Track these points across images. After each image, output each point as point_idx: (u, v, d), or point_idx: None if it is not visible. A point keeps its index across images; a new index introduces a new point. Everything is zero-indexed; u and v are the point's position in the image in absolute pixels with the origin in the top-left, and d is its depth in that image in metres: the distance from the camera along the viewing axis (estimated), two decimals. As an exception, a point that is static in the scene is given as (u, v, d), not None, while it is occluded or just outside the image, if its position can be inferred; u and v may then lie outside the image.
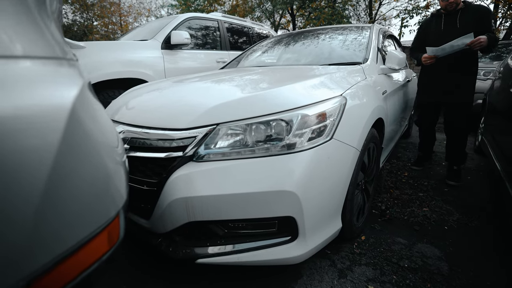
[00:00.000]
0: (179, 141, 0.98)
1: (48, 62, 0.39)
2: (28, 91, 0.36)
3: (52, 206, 0.36)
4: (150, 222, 1.03)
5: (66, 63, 0.44)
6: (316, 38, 2.24)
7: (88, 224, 0.42)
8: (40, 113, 0.36)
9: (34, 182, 0.34)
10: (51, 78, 0.38)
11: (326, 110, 1.03)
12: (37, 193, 0.34)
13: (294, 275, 1.17)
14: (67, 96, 0.39)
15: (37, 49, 0.39)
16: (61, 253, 0.38)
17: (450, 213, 1.74)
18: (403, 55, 1.85)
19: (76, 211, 0.40)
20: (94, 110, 0.46)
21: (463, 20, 1.99)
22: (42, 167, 0.35)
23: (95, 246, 0.43)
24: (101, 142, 0.46)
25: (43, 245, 0.35)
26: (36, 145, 0.34)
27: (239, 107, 1.00)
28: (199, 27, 3.46)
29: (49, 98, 0.37)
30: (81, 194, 0.41)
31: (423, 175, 2.36)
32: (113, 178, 0.49)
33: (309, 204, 0.94)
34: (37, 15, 0.40)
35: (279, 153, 0.93)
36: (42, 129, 0.35)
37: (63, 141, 0.37)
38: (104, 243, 0.45)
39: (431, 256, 1.32)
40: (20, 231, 0.33)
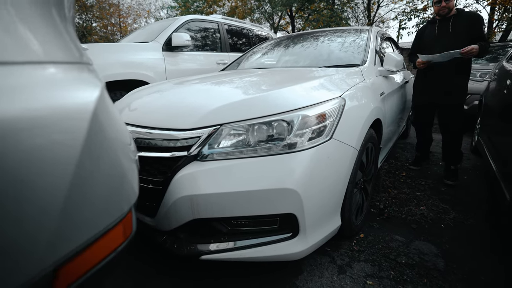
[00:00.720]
0: (183, 141, 1.01)
1: (71, 67, 0.43)
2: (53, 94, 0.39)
3: (74, 200, 0.39)
4: (155, 220, 1.06)
5: (85, 67, 0.47)
6: (315, 40, 2.29)
7: (106, 218, 0.45)
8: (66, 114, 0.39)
9: (59, 178, 0.37)
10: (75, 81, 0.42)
11: (325, 111, 1.07)
12: (62, 189, 0.37)
13: (295, 271, 1.20)
14: (90, 98, 0.42)
15: (60, 55, 0.42)
16: (81, 244, 0.41)
17: (447, 211, 1.78)
18: (401, 57, 1.90)
19: (95, 206, 0.43)
20: (111, 111, 0.50)
21: (455, 26, 2.08)
22: (68, 163, 0.38)
23: (112, 237, 0.46)
24: (117, 141, 0.49)
25: (66, 235, 0.39)
26: (63, 143, 0.38)
27: (242, 108, 1.04)
28: (199, 29, 3.50)
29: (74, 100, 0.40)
30: (100, 190, 0.44)
31: (421, 175, 2.40)
32: (127, 175, 0.52)
33: (309, 201, 0.97)
34: (60, 26, 0.44)
35: (281, 152, 0.97)
36: (68, 128, 0.38)
37: (87, 139, 0.40)
38: (120, 235, 0.48)
39: (427, 252, 1.35)
40: (45, 224, 0.36)
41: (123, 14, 17.72)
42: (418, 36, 2.36)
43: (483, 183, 2.23)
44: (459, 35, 2.07)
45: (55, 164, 0.36)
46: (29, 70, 0.36)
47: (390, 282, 1.14)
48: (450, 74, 2.10)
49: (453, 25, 2.09)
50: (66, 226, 0.38)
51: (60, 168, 0.37)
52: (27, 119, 0.33)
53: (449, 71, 2.09)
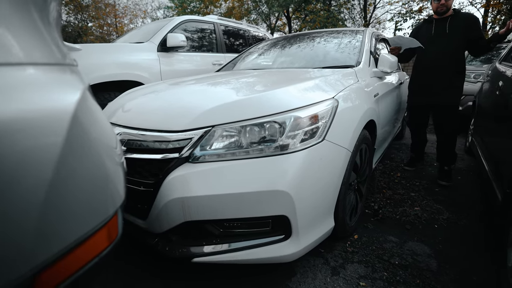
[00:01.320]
0: (175, 143, 1.01)
1: (51, 68, 0.42)
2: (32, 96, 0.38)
3: (54, 203, 0.38)
4: (147, 222, 1.05)
5: (68, 68, 0.47)
6: (311, 41, 2.29)
7: (89, 221, 0.45)
8: (44, 116, 0.38)
9: (38, 181, 0.36)
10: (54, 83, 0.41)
11: (318, 112, 1.06)
12: (41, 191, 0.37)
13: (288, 273, 1.20)
14: (70, 100, 0.41)
15: (41, 56, 0.42)
16: (63, 248, 0.40)
17: (440, 212, 1.79)
18: (395, 58, 1.90)
19: (77, 208, 0.42)
20: (94, 113, 0.49)
21: (452, 27, 2.09)
22: (46, 166, 0.37)
23: (95, 242, 0.45)
24: (101, 143, 0.48)
25: (46, 240, 0.38)
26: (41, 145, 0.37)
27: (234, 110, 1.03)
28: (195, 29, 3.49)
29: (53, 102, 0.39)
30: (82, 193, 0.43)
31: (415, 176, 2.41)
32: (112, 178, 0.51)
33: (302, 203, 0.97)
34: (41, 26, 0.43)
35: (273, 154, 0.96)
36: (46, 131, 0.38)
37: (66, 142, 0.39)
38: (104, 240, 0.47)
39: (421, 253, 1.36)
40: (25, 227, 0.35)
41: (119, 14, 17.64)
42: (413, 34, 2.37)
43: (476, 184, 2.25)
44: (455, 37, 2.08)
45: (31, 169, 0.35)
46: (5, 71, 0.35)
47: (383, 283, 1.14)
48: (446, 75, 2.11)
49: (449, 26, 2.10)
50: (45, 230, 0.37)
51: (37, 172, 0.36)
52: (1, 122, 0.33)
53: (446, 72, 2.11)
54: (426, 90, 2.22)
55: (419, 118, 2.40)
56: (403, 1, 9.22)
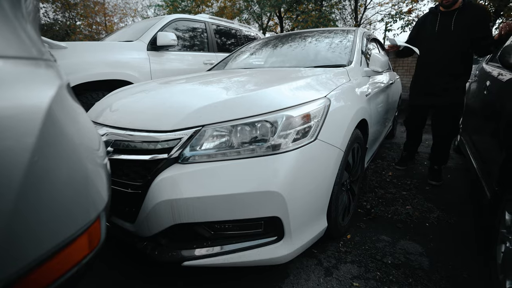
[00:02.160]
0: (164, 143, 0.97)
1: (23, 62, 0.39)
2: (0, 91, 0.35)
3: (27, 209, 0.35)
4: (135, 225, 1.02)
5: (43, 63, 0.43)
6: (302, 40, 2.28)
7: (67, 227, 0.41)
8: (13, 114, 0.35)
9: (7, 185, 0.33)
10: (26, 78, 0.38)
11: (310, 111, 1.05)
12: (10, 196, 0.33)
13: (281, 274, 1.18)
14: (43, 97, 0.38)
15: (10, 49, 0.38)
16: (38, 257, 0.37)
17: (431, 210, 1.80)
18: (386, 57, 1.91)
19: (54, 213, 0.39)
20: (73, 112, 0.46)
21: (458, 23, 1.91)
22: (16, 169, 0.34)
23: (75, 250, 0.42)
24: (80, 144, 0.45)
25: (17, 249, 0.35)
26: (10, 146, 0.34)
27: (225, 109, 1.01)
28: (186, 28, 3.44)
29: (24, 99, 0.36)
30: (58, 197, 0.40)
31: (407, 175, 2.43)
32: (92, 180, 0.48)
33: (294, 204, 0.95)
34: (11, 15, 0.39)
35: (264, 154, 0.94)
36: (15, 130, 0.34)
37: (39, 142, 0.36)
38: (84, 247, 0.44)
39: (413, 252, 1.36)
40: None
41: (108, 13, 17.31)
42: (417, 27, 2.23)
43: (465, 182, 2.28)
44: (461, 35, 1.90)
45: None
46: None
47: (376, 283, 1.14)
48: (448, 75, 2.02)
49: (456, 22, 1.92)
50: (14, 239, 0.34)
51: (3, 178, 0.33)
52: None
53: (447, 72, 2.02)
54: (427, 90, 2.16)
55: (418, 118, 2.34)
56: (393, 2, 9.37)
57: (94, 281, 1.14)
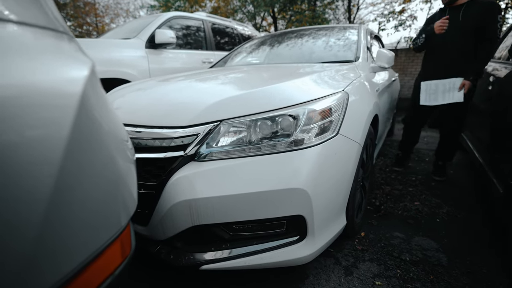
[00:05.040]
0: (179, 140, 0.92)
1: (52, 34, 0.32)
2: (21, 64, 0.28)
3: (59, 213, 0.30)
4: (148, 228, 0.96)
5: (66, 37, 0.37)
6: (307, 37, 2.25)
7: (99, 235, 0.36)
8: (44, 94, 0.29)
9: (40, 182, 0.28)
10: (52, 51, 0.31)
11: (331, 105, 1.01)
12: (43, 197, 0.28)
13: (300, 275, 1.13)
14: (76, 76, 0.32)
15: (29, 15, 0.32)
16: (69, 272, 0.31)
17: (440, 206, 1.79)
18: (392, 53, 1.90)
19: (85, 220, 0.34)
20: (103, 98, 0.40)
21: (466, 15, 1.86)
22: (49, 164, 0.29)
23: (107, 259, 0.37)
24: (112, 135, 0.40)
25: (48, 262, 0.29)
26: (41, 136, 0.28)
27: (243, 103, 0.96)
28: (183, 26, 3.37)
29: (55, 75, 0.30)
30: (90, 200, 0.35)
31: (410, 171, 2.43)
32: (124, 179, 0.43)
33: (318, 201, 0.91)
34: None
35: (287, 149, 0.90)
36: (49, 114, 0.29)
37: (73, 132, 0.31)
38: (117, 255, 0.39)
39: (429, 248, 1.34)
40: (22, 245, 0.27)
41: (99, 13, 17.00)
42: (426, 24, 2.17)
43: (469, 177, 2.29)
44: (468, 27, 1.81)
45: (28, 169, 0.26)
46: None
47: (398, 281, 1.11)
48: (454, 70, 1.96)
49: (463, 14, 1.84)
50: (44, 251, 0.28)
51: (36, 173, 0.27)
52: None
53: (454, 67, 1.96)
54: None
55: (421, 115, 2.25)
56: (385, 2, 9.46)
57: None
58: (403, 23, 8.76)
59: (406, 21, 8.80)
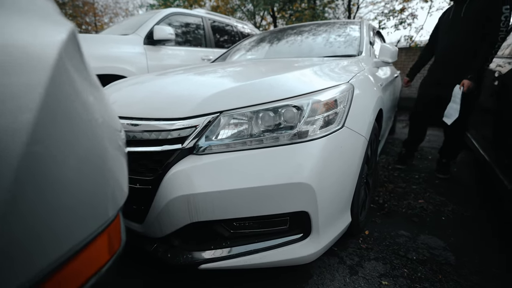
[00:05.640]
0: (176, 132, 0.87)
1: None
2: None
3: (26, 196, 0.25)
4: (144, 225, 0.91)
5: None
6: (309, 32, 2.21)
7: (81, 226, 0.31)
8: (10, 54, 0.25)
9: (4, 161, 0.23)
10: (29, 10, 0.27)
11: (336, 96, 0.97)
12: (7, 179, 0.23)
13: (303, 274, 1.09)
14: (52, 40, 0.27)
15: None
16: (43, 269, 0.27)
17: (445, 204, 1.75)
18: (395, 48, 1.85)
19: (63, 208, 0.29)
20: (86, 71, 0.36)
21: (468, 8, 1.82)
22: (16, 133, 0.24)
23: (92, 256, 0.32)
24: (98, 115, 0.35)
25: (18, 257, 0.25)
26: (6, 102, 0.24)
27: (244, 94, 0.91)
28: (182, 23, 3.32)
29: (24, 35, 0.25)
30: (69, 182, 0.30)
31: (414, 169, 2.38)
32: (112, 165, 0.38)
33: (323, 196, 0.87)
34: None
35: (290, 142, 0.85)
36: (14, 79, 0.24)
37: (45, 102, 0.26)
38: (104, 251, 0.34)
39: (436, 247, 1.30)
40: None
41: (98, 13, 16.94)
42: (438, 21, 2.15)
43: (472, 175, 2.25)
44: (468, 29, 1.78)
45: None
46: None
47: (405, 281, 1.06)
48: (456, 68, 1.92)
49: (466, 9, 1.81)
50: (12, 245, 0.24)
51: None
52: None
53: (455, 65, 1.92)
54: (439, 80, 2.05)
55: (425, 111, 2.21)
56: (385, 1, 9.42)
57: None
58: (403, 21, 8.73)
59: (406, 19, 8.76)
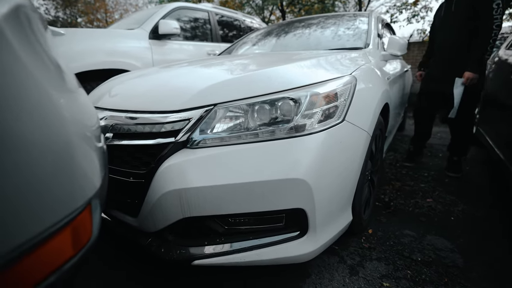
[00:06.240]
0: (169, 125, 0.85)
1: None
2: None
3: None
4: (138, 219, 0.90)
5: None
6: (316, 25, 2.14)
7: (35, 218, 0.29)
8: None
9: None
10: None
11: (337, 89, 0.92)
12: None
13: (301, 273, 1.06)
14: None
15: None
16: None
17: (455, 203, 1.68)
18: (405, 40, 1.77)
19: (13, 197, 0.27)
20: (47, 46, 0.33)
21: (458, 2, 1.81)
22: None
23: (53, 250, 0.30)
24: (58, 92, 0.33)
25: None
26: None
27: (240, 86, 0.88)
28: (189, 17, 3.30)
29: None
30: (20, 170, 0.28)
31: (423, 167, 2.30)
32: (79, 149, 0.36)
33: (320, 194, 0.83)
34: None
35: (287, 136, 0.82)
36: None
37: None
38: (67, 246, 0.32)
39: (442, 248, 1.24)
40: None
41: (109, 9, 17.17)
42: (433, 18, 2.15)
43: (485, 173, 2.15)
44: (459, 24, 1.77)
45: None
46: None
47: (408, 283, 1.02)
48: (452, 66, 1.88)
49: (455, 6, 1.82)
50: None
51: None
52: None
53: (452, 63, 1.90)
54: (437, 76, 2.03)
55: (429, 107, 2.16)
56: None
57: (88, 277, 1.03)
58: (416, 14, 8.43)
59: (419, 12, 8.46)
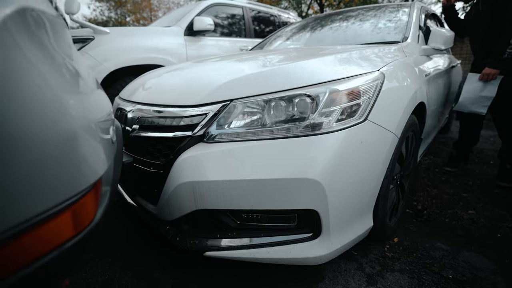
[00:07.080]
0: (188, 119, 0.88)
1: None
2: None
3: None
4: (158, 207, 0.95)
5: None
6: (354, 18, 2.03)
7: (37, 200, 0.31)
8: None
9: None
10: None
11: (360, 86, 0.86)
12: None
13: (314, 276, 1.03)
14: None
15: None
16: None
17: (504, 218, 1.48)
18: (451, 33, 1.59)
19: (13, 173, 0.29)
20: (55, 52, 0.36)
21: (484, 3, 1.73)
22: None
23: (53, 230, 0.33)
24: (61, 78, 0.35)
25: None
26: None
27: (257, 82, 0.88)
28: (223, 14, 3.37)
29: None
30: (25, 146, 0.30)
31: (466, 174, 2.07)
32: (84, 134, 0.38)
33: (335, 196, 0.79)
34: None
35: (302, 134, 0.79)
36: None
37: None
38: (68, 226, 0.35)
39: (481, 268, 1.11)
40: None
41: (154, 8, 18.24)
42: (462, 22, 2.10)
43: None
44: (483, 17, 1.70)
45: None
46: None
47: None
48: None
49: (483, 3, 1.73)
50: None
51: None
52: None
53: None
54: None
55: None
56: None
57: (117, 259, 1.12)
58: (474, 4, 7.48)
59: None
